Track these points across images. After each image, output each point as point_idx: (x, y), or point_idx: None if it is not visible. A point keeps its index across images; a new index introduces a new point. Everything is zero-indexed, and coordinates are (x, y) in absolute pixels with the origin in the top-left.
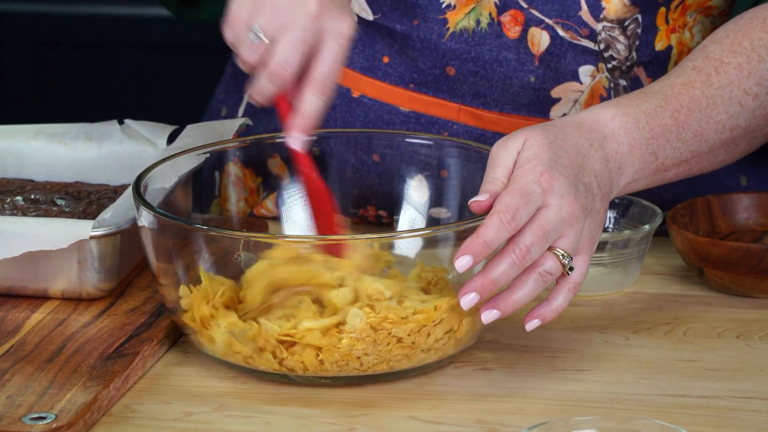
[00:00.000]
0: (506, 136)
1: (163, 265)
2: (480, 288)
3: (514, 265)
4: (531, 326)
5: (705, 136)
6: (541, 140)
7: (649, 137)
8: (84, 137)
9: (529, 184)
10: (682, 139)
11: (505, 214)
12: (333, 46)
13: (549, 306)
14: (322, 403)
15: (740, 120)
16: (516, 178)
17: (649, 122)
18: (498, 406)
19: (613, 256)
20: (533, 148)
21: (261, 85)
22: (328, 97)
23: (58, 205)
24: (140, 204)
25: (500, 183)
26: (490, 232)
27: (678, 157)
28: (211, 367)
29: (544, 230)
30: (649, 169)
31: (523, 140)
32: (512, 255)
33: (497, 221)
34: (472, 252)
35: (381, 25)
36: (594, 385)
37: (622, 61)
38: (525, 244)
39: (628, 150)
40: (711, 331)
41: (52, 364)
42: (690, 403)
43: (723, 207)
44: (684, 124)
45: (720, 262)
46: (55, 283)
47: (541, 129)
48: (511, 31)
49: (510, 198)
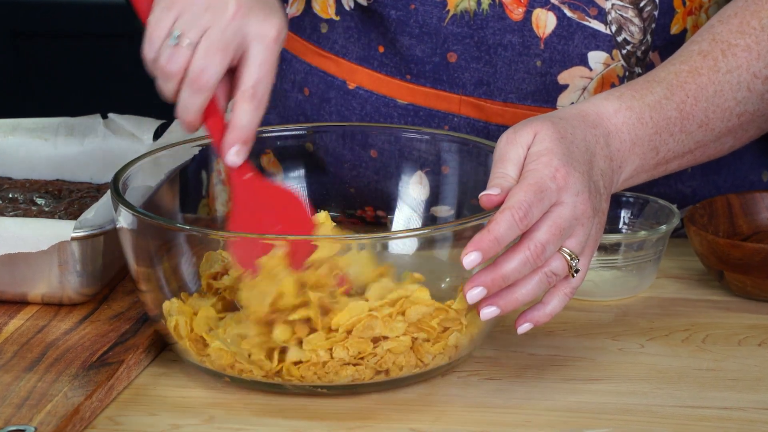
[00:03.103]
0: (512, 128)
1: (144, 269)
2: (489, 283)
3: (528, 262)
4: (522, 329)
5: (711, 126)
6: (552, 134)
7: (653, 133)
8: (65, 132)
9: (544, 179)
10: (687, 131)
11: (518, 210)
12: (259, 50)
13: (543, 309)
14: (318, 414)
15: (748, 106)
16: (530, 172)
17: (653, 117)
18: (504, 418)
19: (628, 259)
20: (545, 141)
21: (185, 99)
22: (260, 104)
23: (37, 204)
24: (119, 203)
25: (511, 178)
26: (501, 228)
27: (681, 150)
28: (200, 377)
29: (559, 228)
30: (649, 165)
31: (533, 134)
32: (526, 252)
33: (509, 217)
34: (481, 248)
35: (375, 12)
36: (607, 396)
37: (636, 45)
38: (540, 242)
39: (630, 147)
40: (731, 338)
41: (32, 373)
42: (709, 415)
43: (744, 206)
44: (689, 115)
45: (741, 265)
46: (35, 287)
47: (550, 122)
48: (515, 13)
49: (524, 194)
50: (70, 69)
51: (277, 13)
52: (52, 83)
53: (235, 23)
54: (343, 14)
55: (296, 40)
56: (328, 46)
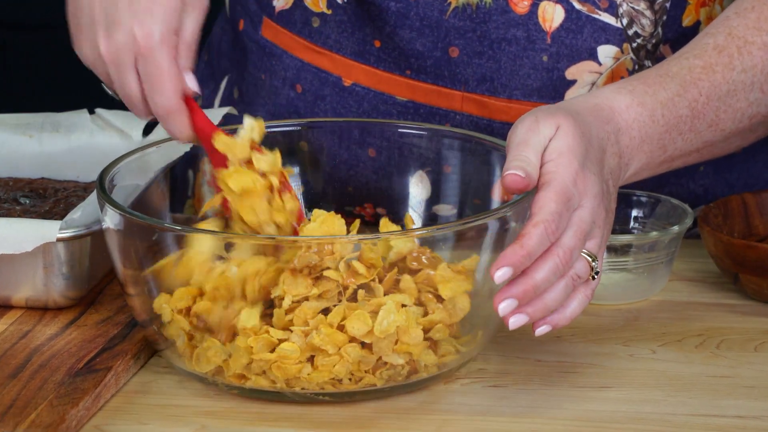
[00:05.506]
0: (532, 115)
1: (131, 272)
2: (521, 294)
3: (557, 270)
4: (541, 332)
5: (721, 126)
6: (574, 131)
7: (663, 131)
8: (50, 128)
9: (568, 186)
10: (696, 131)
11: (551, 223)
12: None
13: (563, 312)
14: (316, 423)
15: (761, 107)
16: (552, 174)
17: (665, 114)
18: (510, 427)
19: (639, 261)
20: (567, 138)
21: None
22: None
23: (21, 203)
24: (105, 202)
25: (534, 165)
26: (534, 243)
27: (688, 149)
28: (191, 385)
29: (583, 233)
30: (655, 162)
31: (555, 126)
32: (556, 259)
33: (542, 231)
34: (514, 263)
35: (373, 4)
36: (617, 404)
37: (647, 38)
38: (569, 247)
39: (639, 145)
40: (747, 343)
41: (15, 380)
42: (724, 424)
43: (760, 206)
44: (700, 114)
45: (757, 267)
46: (19, 290)
47: (572, 117)
48: (519, 6)
49: (555, 204)
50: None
51: None
52: (37, 76)
53: None
54: (335, 7)
55: (286, 34)
56: (320, 41)
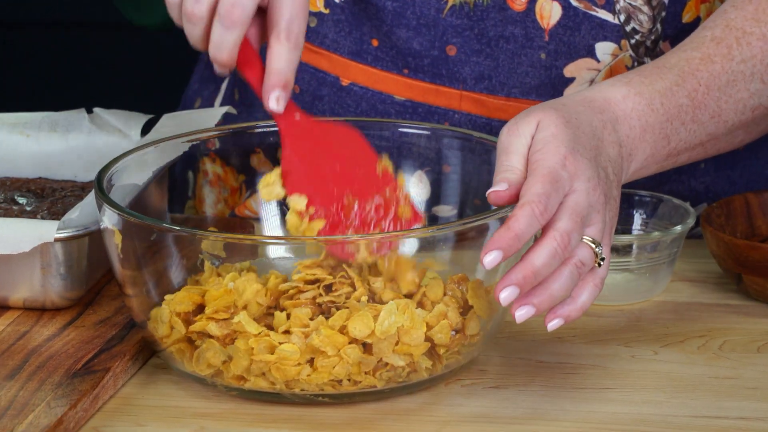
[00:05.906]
0: (512, 119)
1: (129, 272)
2: (521, 280)
3: (556, 254)
4: (553, 326)
5: (723, 117)
6: (557, 119)
7: (664, 120)
8: (48, 128)
9: (556, 168)
10: (698, 122)
11: (538, 204)
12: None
13: (573, 304)
14: (315, 424)
15: (763, 99)
16: (538, 162)
17: (663, 103)
18: (511, 429)
19: (641, 261)
20: (550, 128)
21: (217, 37)
22: (297, 44)
23: (18, 203)
24: (103, 202)
25: (518, 170)
26: (521, 224)
27: (692, 141)
28: (190, 386)
29: (579, 215)
30: (661, 154)
31: (536, 121)
32: (553, 243)
33: (529, 212)
34: (502, 246)
35: (369, 3)
36: (619, 406)
37: (645, 35)
38: (565, 230)
39: (640, 134)
40: (750, 344)
41: (13, 381)
42: (727, 426)
43: (763, 206)
44: (701, 104)
45: (760, 268)
46: (16, 291)
47: (553, 108)
48: (517, 3)
49: (540, 186)
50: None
51: None
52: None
53: None
54: (332, 7)
55: None
56: (318, 41)
